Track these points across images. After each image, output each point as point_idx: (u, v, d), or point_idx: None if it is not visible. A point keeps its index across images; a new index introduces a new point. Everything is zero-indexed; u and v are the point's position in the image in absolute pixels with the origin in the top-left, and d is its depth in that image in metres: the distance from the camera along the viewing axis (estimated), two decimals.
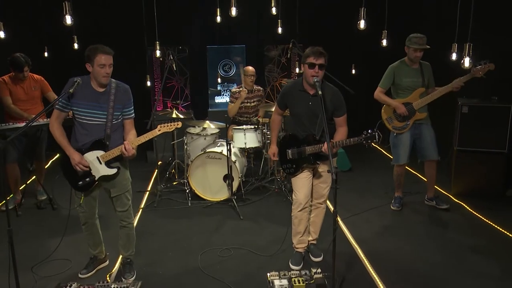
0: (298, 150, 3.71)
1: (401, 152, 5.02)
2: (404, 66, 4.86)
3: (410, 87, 4.84)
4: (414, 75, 4.82)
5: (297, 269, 3.76)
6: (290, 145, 3.77)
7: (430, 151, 4.97)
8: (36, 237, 4.56)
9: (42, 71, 5.62)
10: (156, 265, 3.98)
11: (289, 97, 3.77)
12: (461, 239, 4.39)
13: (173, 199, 5.62)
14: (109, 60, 3.33)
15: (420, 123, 4.91)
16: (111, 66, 3.37)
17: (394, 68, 4.91)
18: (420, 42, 4.68)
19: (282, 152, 3.84)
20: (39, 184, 5.50)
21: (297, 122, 3.77)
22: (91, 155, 3.45)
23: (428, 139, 4.93)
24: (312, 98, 3.61)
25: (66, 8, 3.82)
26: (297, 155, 3.72)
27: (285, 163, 3.83)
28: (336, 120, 3.70)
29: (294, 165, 3.76)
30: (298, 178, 3.79)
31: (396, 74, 4.88)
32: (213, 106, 8.29)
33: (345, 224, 4.78)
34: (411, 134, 4.95)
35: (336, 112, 3.65)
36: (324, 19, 8.04)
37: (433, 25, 6.75)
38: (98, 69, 3.30)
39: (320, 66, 3.48)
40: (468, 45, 3.35)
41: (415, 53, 4.73)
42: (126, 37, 7.61)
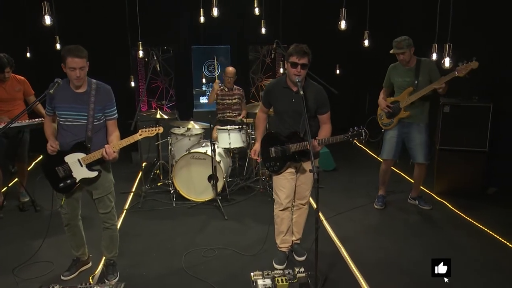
0: (282, 148, 3.69)
1: (385, 147, 5.10)
2: (399, 66, 4.92)
3: (402, 86, 4.90)
4: (406, 75, 4.86)
5: (280, 268, 3.77)
6: (273, 143, 3.75)
7: (417, 154, 4.99)
8: (18, 239, 4.50)
9: (25, 72, 5.55)
10: (140, 266, 3.96)
11: (273, 94, 3.76)
12: (443, 237, 4.45)
13: (157, 200, 5.60)
14: (80, 64, 3.26)
15: (410, 122, 4.93)
16: (83, 69, 3.29)
17: (390, 68, 5.01)
18: (398, 46, 4.72)
19: (265, 150, 3.81)
20: (22, 186, 5.44)
21: (280, 119, 3.76)
22: (72, 157, 3.42)
23: (417, 140, 4.95)
24: (295, 95, 3.60)
25: (45, 8, 3.78)
26: (280, 153, 3.71)
27: (268, 161, 3.80)
28: (319, 118, 3.72)
29: (278, 163, 3.75)
30: (280, 178, 3.79)
31: (391, 74, 4.99)
32: (198, 106, 8.29)
33: (329, 223, 4.81)
34: (398, 132, 5.00)
35: (319, 110, 3.67)
36: (308, 19, 8.10)
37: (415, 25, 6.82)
38: (69, 72, 3.28)
39: (303, 65, 3.48)
40: (447, 46, 3.40)
41: (398, 56, 4.81)
42: (109, 37, 7.57)
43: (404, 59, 4.77)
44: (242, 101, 6.57)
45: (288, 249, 4.01)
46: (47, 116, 3.55)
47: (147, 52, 7.38)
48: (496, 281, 3.65)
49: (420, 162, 5.03)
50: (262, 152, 3.86)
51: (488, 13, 5.63)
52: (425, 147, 4.97)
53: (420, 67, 4.79)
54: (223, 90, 6.46)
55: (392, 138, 5.03)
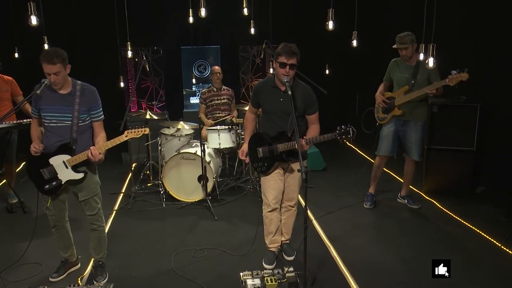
0: (269, 148, 3.68)
1: (382, 144, 5.13)
2: (400, 62, 4.95)
3: (400, 82, 4.94)
4: (405, 71, 4.89)
5: (270, 268, 3.78)
6: (260, 143, 3.74)
7: (412, 150, 5.05)
8: (6, 241, 4.47)
9: (13, 72, 5.51)
10: (129, 267, 3.95)
11: (261, 94, 3.75)
12: (432, 236, 4.49)
13: (147, 201, 5.58)
14: (52, 69, 3.22)
15: (406, 120, 4.97)
16: (58, 74, 3.25)
17: (393, 62, 5.04)
18: (400, 41, 4.75)
19: (253, 150, 3.80)
20: (10, 187, 5.39)
21: (269, 119, 3.76)
22: (57, 159, 3.40)
23: (413, 138, 5.00)
24: (283, 94, 3.60)
25: (31, 8, 3.75)
26: (268, 153, 3.70)
27: (256, 161, 3.79)
28: (308, 118, 3.71)
29: (266, 163, 3.74)
30: (268, 179, 3.78)
31: (392, 69, 5.02)
32: (188, 107, 8.27)
33: (318, 223, 4.83)
34: (395, 129, 5.04)
35: (307, 110, 3.67)
36: (297, 19, 8.11)
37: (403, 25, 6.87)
38: (46, 75, 3.26)
39: (291, 66, 3.47)
40: (432, 46, 3.43)
41: (400, 52, 4.83)
42: (98, 37, 7.53)
43: (406, 54, 4.79)
44: (231, 102, 6.56)
45: (278, 249, 4.02)
46: (33, 119, 3.53)
47: (136, 52, 7.36)
48: (483, 279, 3.68)
49: (414, 159, 5.08)
50: (250, 152, 3.84)
51: (475, 13, 5.68)
52: (420, 145, 5.04)
53: (420, 66, 4.79)
54: (211, 90, 6.44)
55: (388, 135, 5.07)
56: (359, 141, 8.04)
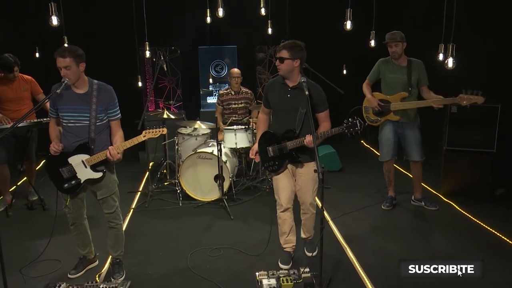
0: (279, 146, 3.67)
1: (384, 149, 5.09)
2: (390, 62, 4.90)
3: (394, 83, 4.87)
4: (398, 71, 4.84)
5: (285, 268, 3.79)
6: (270, 142, 3.73)
7: (413, 152, 5.00)
8: (26, 237, 4.55)
9: (33, 72, 5.60)
10: (146, 265, 3.99)
11: (270, 91, 3.77)
12: (450, 238, 4.43)
13: (164, 200, 5.63)
14: (63, 63, 3.25)
15: (404, 122, 4.92)
16: (69, 69, 3.28)
17: (380, 62, 4.98)
18: (391, 37, 4.72)
19: (263, 150, 3.79)
20: (30, 185, 5.49)
21: (277, 116, 3.77)
22: (76, 159, 3.45)
23: (412, 140, 4.95)
24: (290, 90, 3.61)
25: (52, 9, 3.81)
26: (278, 152, 3.69)
27: (267, 161, 3.78)
28: (318, 116, 3.68)
29: (276, 162, 3.73)
30: (279, 179, 3.78)
31: (381, 69, 4.94)
32: (205, 106, 8.31)
33: (335, 223, 4.81)
34: (394, 132, 4.99)
35: (316, 108, 3.63)
36: (314, 19, 8.08)
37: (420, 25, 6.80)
38: (59, 69, 3.31)
39: (279, 59, 3.54)
40: (451, 46, 3.38)
41: (390, 48, 4.79)
42: (117, 37, 7.63)
43: (396, 51, 4.75)
44: (251, 104, 6.50)
45: (293, 249, 4.01)
46: (52, 118, 3.59)
47: (154, 52, 7.42)
48: (503, 282, 3.63)
49: (416, 160, 5.02)
50: (260, 152, 3.84)
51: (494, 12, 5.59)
52: (420, 146, 4.98)
53: (412, 67, 4.78)
54: (229, 93, 6.43)
55: (388, 140, 5.02)
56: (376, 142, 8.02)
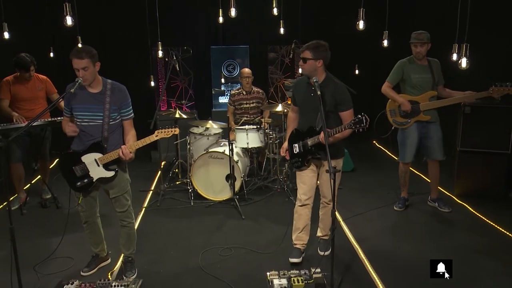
0: (302, 143, 3.79)
1: (407, 150, 5.02)
2: (412, 63, 4.85)
3: (419, 83, 4.81)
4: (423, 71, 4.79)
5: (295, 262, 3.87)
6: (296, 140, 3.86)
7: (436, 151, 4.95)
8: (39, 235, 4.61)
9: (48, 71, 5.67)
10: (158, 263, 4.01)
11: (296, 89, 3.92)
12: (463, 240, 4.39)
13: (176, 199, 5.66)
14: (80, 64, 3.28)
15: (428, 122, 4.88)
16: (86, 70, 3.31)
17: (403, 63, 4.90)
18: (418, 37, 4.68)
19: (290, 147, 3.93)
20: (44, 183, 5.56)
21: (302, 114, 3.87)
22: (89, 157, 3.48)
23: (435, 139, 4.91)
24: (314, 90, 3.64)
25: (67, 9, 3.86)
26: (302, 149, 3.80)
27: (292, 157, 3.92)
28: (341, 115, 3.72)
29: (300, 159, 3.83)
30: (301, 174, 3.88)
31: (405, 70, 4.87)
32: (217, 106, 8.32)
33: (347, 224, 4.79)
34: (418, 133, 4.93)
35: (339, 107, 3.69)
36: (326, 19, 8.05)
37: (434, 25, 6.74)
38: (76, 72, 3.33)
39: (302, 59, 3.65)
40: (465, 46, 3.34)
41: (415, 48, 4.74)
42: (130, 37, 7.69)
43: (421, 52, 4.70)
44: (263, 104, 6.49)
45: (303, 247, 4.01)
46: (65, 117, 3.63)
47: (166, 52, 7.46)
48: None
49: (439, 159, 4.98)
50: (289, 149, 3.96)
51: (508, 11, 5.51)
52: (442, 144, 4.95)
53: (432, 66, 4.75)
54: (241, 93, 6.43)
55: (414, 141, 4.95)
56: (389, 143, 7.97)
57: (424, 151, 5.06)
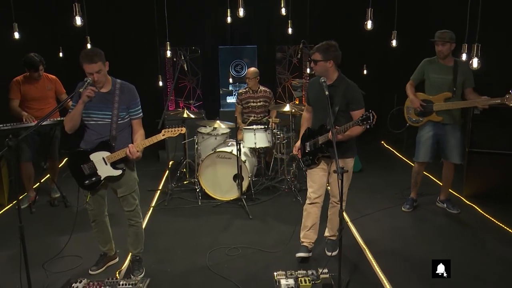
0: (313, 141, 3.82)
1: (421, 150, 4.98)
2: (435, 62, 4.81)
3: (437, 83, 4.77)
4: (444, 72, 4.73)
5: (302, 255, 3.90)
6: (308, 138, 3.91)
7: (452, 154, 4.88)
8: (48, 233, 4.64)
9: (57, 71, 5.71)
10: (165, 262, 4.03)
11: (311, 87, 3.95)
12: (471, 241, 4.36)
13: (183, 198, 5.67)
14: (93, 69, 3.32)
15: (445, 124, 4.82)
16: (100, 72, 3.35)
17: (424, 63, 4.88)
18: (440, 35, 4.62)
19: (303, 146, 3.98)
20: (53, 182, 5.59)
21: (315, 113, 3.91)
22: (97, 156, 3.50)
23: (452, 141, 4.83)
24: (328, 88, 3.65)
25: (76, 9, 3.89)
26: (313, 147, 3.83)
27: (304, 156, 3.97)
28: (352, 114, 3.73)
29: (311, 157, 3.87)
30: (311, 173, 3.91)
31: (426, 69, 4.85)
32: (225, 106, 8.34)
33: (354, 224, 4.77)
34: (434, 133, 4.89)
35: (351, 106, 3.71)
36: (335, 19, 8.03)
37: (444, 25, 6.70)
38: (88, 75, 3.36)
39: (313, 61, 3.69)
40: (476, 46, 3.31)
41: (437, 47, 4.69)
42: (138, 37, 7.72)
43: (442, 51, 4.65)
44: (270, 103, 6.50)
45: (310, 245, 4.01)
46: None
47: (175, 52, 7.48)
48: None
49: (455, 162, 4.92)
50: (301, 148, 4.01)
51: None
52: (460, 148, 4.88)
53: (458, 68, 4.65)
54: (248, 92, 6.45)
55: (428, 140, 4.92)
56: (397, 143, 7.94)
57: (441, 152, 5.00)
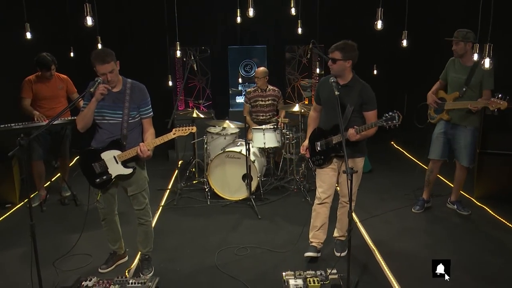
0: (325, 140, 3.80)
1: (432, 147, 4.99)
2: (456, 61, 4.78)
3: (452, 82, 4.77)
4: (460, 72, 4.70)
5: (310, 255, 3.89)
6: (318, 137, 3.88)
7: (461, 156, 4.84)
8: (59, 232, 4.68)
9: (68, 71, 5.76)
10: (174, 261, 4.04)
11: (322, 87, 3.89)
12: (482, 243, 4.32)
13: (192, 198, 5.69)
14: (107, 69, 3.35)
15: (455, 124, 4.79)
16: (112, 72, 3.39)
17: (449, 61, 4.87)
18: (455, 34, 4.60)
19: (312, 145, 3.94)
20: (63, 180, 5.64)
21: (326, 113, 3.87)
22: (108, 154, 3.53)
23: (462, 143, 4.79)
24: (340, 88, 3.67)
25: (87, 9, 3.91)
26: (325, 146, 3.81)
27: (314, 155, 3.93)
28: (365, 115, 3.74)
29: (322, 156, 3.85)
30: (321, 172, 3.89)
31: (448, 68, 4.86)
32: (234, 106, 8.35)
33: (363, 225, 4.75)
34: (445, 132, 4.87)
35: (365, 106, 3.70)
36: (345, 19, 8.00)
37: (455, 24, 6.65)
38: (101, 76, 3.39)
39: (332, 60, 3.65)
40: (488, 46, 3.27)
41: (453, 46, 4.67)
42: (148, 37, 7.76)
43: (456, 50, 4.62)
44: (278, 102, 6.52)
45: (319, 246, 4.00)
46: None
47: (184, 52, 7.50)
48: None
49: (464, 165, 4.88)
50: (310, 147, 3.97)
51: None
52: (469, 151, 4.81)
53: (476, 68, 4.59)
54: (256, 91, 6.46)
55: (438, 137, 4.91)
56: (407, 144, 7.89)
57: (453, 153, 4.98)
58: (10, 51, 5.92)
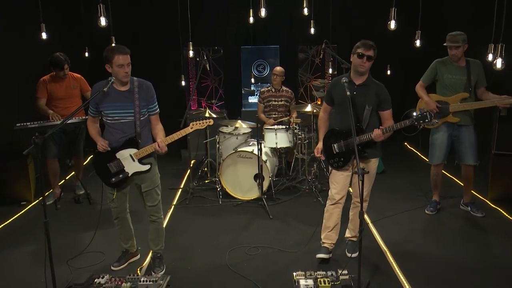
0: (345, 142, 3.74)
1: (436, 152, 4.92)
2: (448, 63, 4.74)
3: (451, 84, 4.70)
4: (458, 72, 4.67)
5: (322, 256, 3.87)
6: (335, 139, 3.82)
7: (467, 155, 4.81)
8: (72, 230, 4.74)
9: (83, 71, 5.82)
10: (185, 260, 4.07)
11: (335, 88, 3.83)
12: (496, 245, 4.26)
13: (204, 197, 5.72)
14: (127, 60, 3.42)
15: (460, 125, 4.76)
16: (130, 65, 3.46)
17: (437, 63, 4.81)
18: (452, 39, 4.56)
19: (328, 147, 3.87)
20: (78, 179, 5.71)
21: (340, 114, 3.81)
22: (123, 153, 3.57)
23: (467, 142, 4.77)
24: (357, 88, 3.66)
25: (101, 10, 3.96)
26: (344, 148, 3.75)
27: (332, 157, 3.85)
28: (381, 114, 3.73)
29: (342, 158, 3.79)
30: (335, 173, 3.85)
31: (439, 70, 4.78)
32: (247, 106, 8.37)
33: (375, 226, 4.73)
34: (449, 135, 4.82)
35: (381, 105, 3.70)
36: (358, 19, 7.97)
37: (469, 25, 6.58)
38: (117, 69, 3.41)
39: (368, 57, 3.60)
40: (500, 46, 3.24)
41: (450, 51, 4.63)
42: (162, 38, 7.81)
43: (456, 54, 4.59)
44: (291, 103, 6.52)
45: (331, 247, 3.99)
46: (90, 117, 3.69)
47: (197, 52, 7.53)
48: None
49: (471, 164, 4.83)
50: (325, 150, 3.91)
51: None
52: (475, 149, 4.79)
53: (470, 67, 4.60)
54: (270, 90, 6.47)
55: (442, 143, 4.85)
56: (418, 143, 7.82)
57: (456, 154, 4.93)
58: (26, 52, 6.01)
